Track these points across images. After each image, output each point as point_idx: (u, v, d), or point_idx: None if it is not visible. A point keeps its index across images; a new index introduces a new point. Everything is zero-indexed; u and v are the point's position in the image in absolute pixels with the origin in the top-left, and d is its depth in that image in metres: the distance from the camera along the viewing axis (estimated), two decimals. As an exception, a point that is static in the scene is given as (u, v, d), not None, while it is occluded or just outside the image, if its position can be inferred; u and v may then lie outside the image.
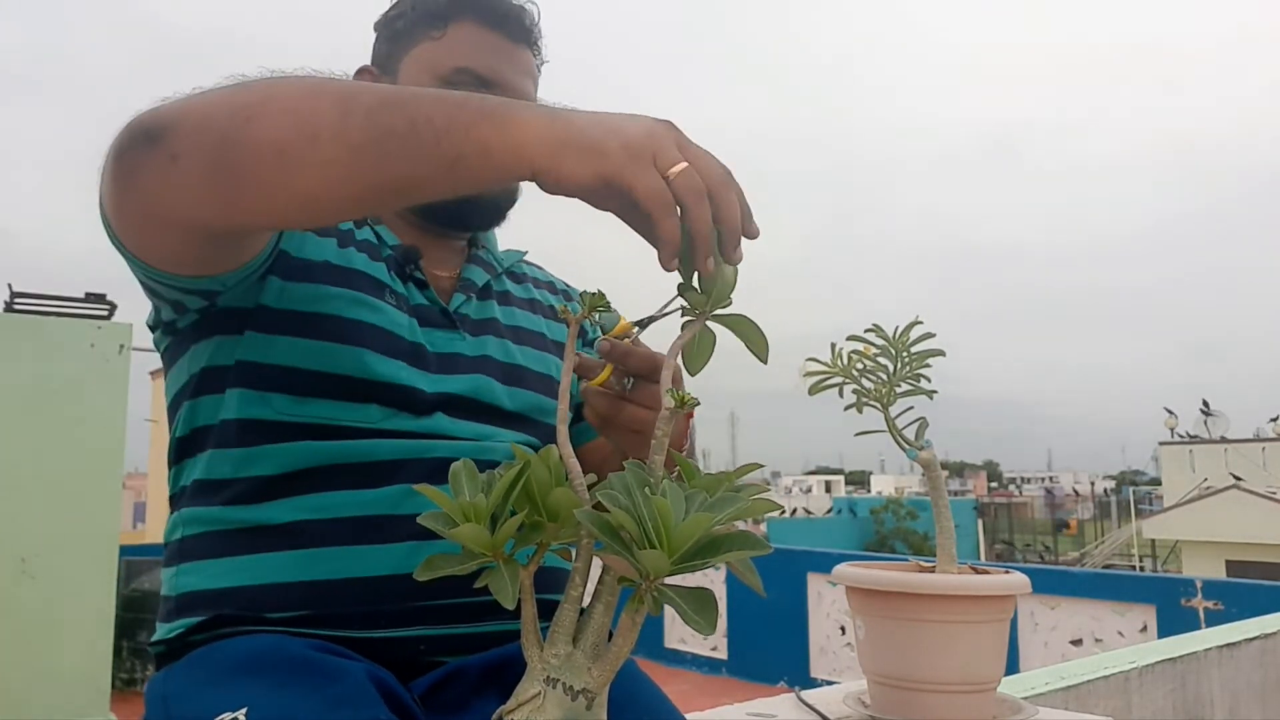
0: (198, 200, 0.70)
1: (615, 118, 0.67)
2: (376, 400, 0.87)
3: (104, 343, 3.79)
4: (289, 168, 0.66)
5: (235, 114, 0.67)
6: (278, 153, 0.66)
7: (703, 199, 0.64)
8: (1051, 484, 57.27)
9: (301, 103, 0.67)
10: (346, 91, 0.68)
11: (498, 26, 0.98)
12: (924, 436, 0.90)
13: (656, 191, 0.63)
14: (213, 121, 0.67)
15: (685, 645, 7.96)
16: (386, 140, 0.65)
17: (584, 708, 0.60)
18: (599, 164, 0.64)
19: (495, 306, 1.02)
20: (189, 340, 0.89)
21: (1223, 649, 2.09)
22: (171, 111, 0.69)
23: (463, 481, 0.64)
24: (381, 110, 0.66)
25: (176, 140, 0.67)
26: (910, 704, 0.88)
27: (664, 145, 0.65)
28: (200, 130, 0.67)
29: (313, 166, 0.66)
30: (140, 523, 16.14)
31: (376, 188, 0.68)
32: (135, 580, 6.49)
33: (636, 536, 0.55)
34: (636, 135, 0.65)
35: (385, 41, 1.01)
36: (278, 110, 0.67)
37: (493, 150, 0.65)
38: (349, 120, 0.66)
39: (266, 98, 0.68)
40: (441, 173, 0.66)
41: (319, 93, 0.68)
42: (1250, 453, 16.28)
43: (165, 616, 0.87)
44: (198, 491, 0.88)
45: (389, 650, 0.83)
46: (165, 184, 0.69)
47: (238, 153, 0.67)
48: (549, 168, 0.64)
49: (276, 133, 0.66)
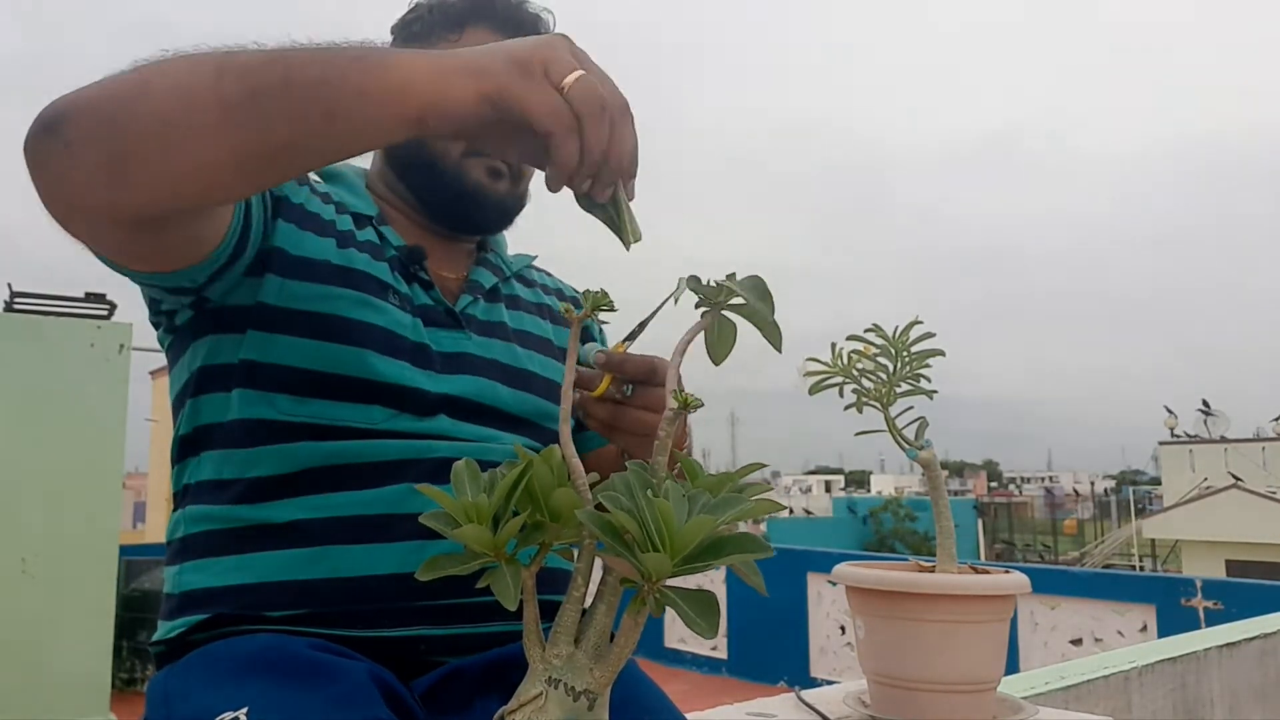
0: (95, 185, 0.69)
1: (506, 41, 0.64)
2: (380, 401, 0.87)
3: (104, 343, 3.80)
4: (172, 139, 0.65)
5: (121, 95, 0.66)
6: (161, 124, 0.65)
7: (603, 113, 0.61)
8: (1051, 484, 57.26)
9: (183, 76, 0.66)
10: (224, 57, 0.66)
11: (514, 33, 0.97)
12: (924, 436, 0.90)
13: (551, 106, 0.60)
14: (102, 104, 0.67)
15: (685, 645, 7.96)
16: (261, 98, 0.63)
17: (586, 708, 0.60)
18: (481, 82, 0.61)
19: (503, 310, 1.02)
20: (189, 336, 0.89)
21: (1223, 649, 2.09)
22: (67, 100, 0.68)
23: (465, 481, 0.64)
24: (255, 69, 0.64)
25: (69, 127, 0.67)
26: (910, 704, 0.88)
27: (557, 55, 0.62)
28: (91, 114, 0.67)
29: (194, 133, 0.65)
30: (140, 523, 16.14)
31: (261, 150, 0.66)
32: (135, 580, 6.49)
33: (639, 538, 0.55)
34: (523, 49, 0.62)
35: (401, 44, 1.01)
36: (161, 87, 0.66)
37: (369, 94, 0.62)
38: (223, 82, 0.64)
39: (152, 74, 0.67)
40: (320, 126, 0.64)
41: (200, 61, 0.66)
42: (1250, 453, 16.28)
43: (167, 614, 0.88)
44: (201, 490, 0.88)
45: (390, 650, 0.83)
46: (65, 172, 0.68)
47: (124, 131, 0.66)
48: (432, 100, 0.62)
49: (159, 105, 0.65)
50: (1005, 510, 32.04)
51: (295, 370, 0.86)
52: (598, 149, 0.61)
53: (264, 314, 0.86)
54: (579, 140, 0.61)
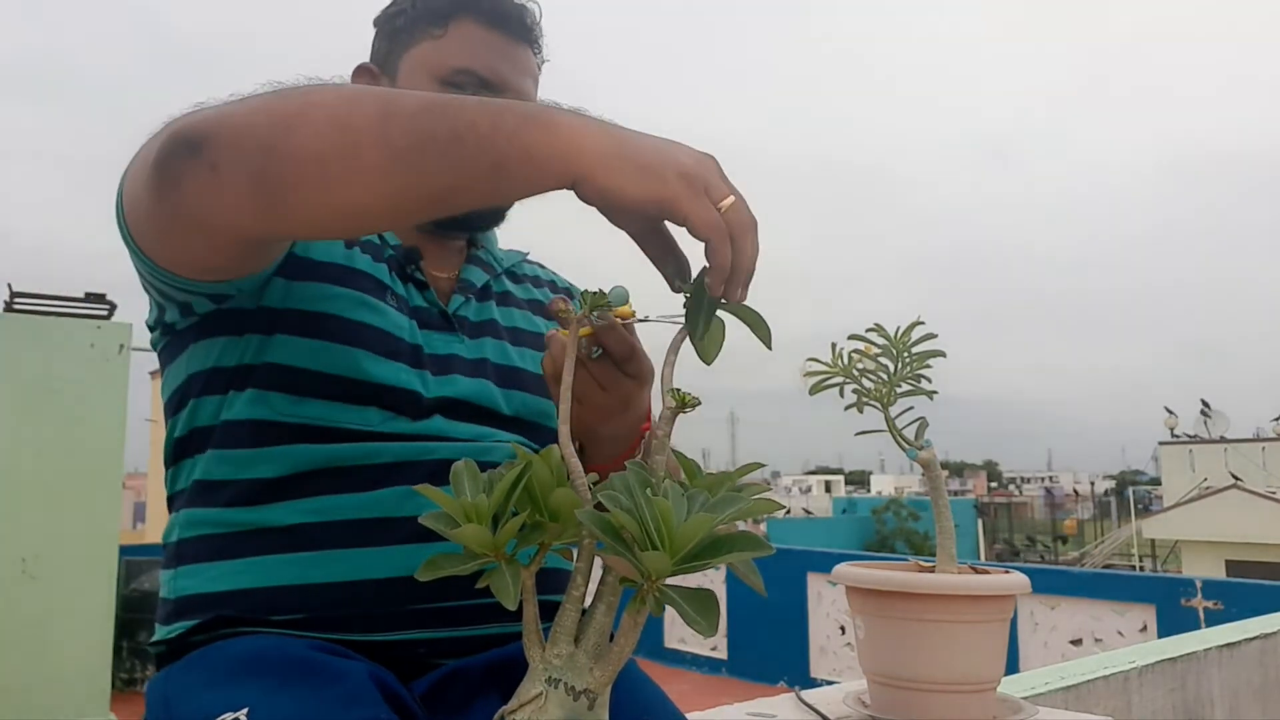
0: (239, 210, 0.69)
1: (665, 142, 0.68)
2: (376, 403, 0.87)
3: (104, 343, 3.80)
4: (330, 178, 0.66)
5: (275, 123, 0.67)
6: (319, 162, 0.66)
7: (750, 234, 0.67)
8: (1051, 484, 57.24)
9: (341, 111, 0.66)
10: (386, 98, 0.68)
11: (499, 26, 0.97)
12: (924, 436, 0.90)
13: (714, 222, 0.65)
14: (253, 131, 0.67)
15: (685, 645, 7.96)
16: (428, 147, 0.65)
17: (586, 708, 0.60)
18: (656, 188, 0.64)
19: (494, 308, 1.02)
20: (187, 340, 0.89)
21: (1223, 649, 2.09)
22: (211, 120, 0.68)
23: (464, 482, 0.64)
24: (423, 117, 0.65)
25: (216, 150, 0.67)
26: (910, 704, 0.88)
27: (715, 178, 0.67)
28: (240, 140, 0.67)
29: (355, 176, 0.66)
30: (140, 523, 16.14)
31: (420, 196, 0.67)
32: (135, 580, 6.49)
33: (638, 537, 0.55)
34: (690, 165, 0.66)
35: (385, 39, 1.00)
36: (318, 119, 0.66)
37: (536, 156, 0.64)
38: (390, 127, 0.65)
39: (306, 105, 0.67)
40: (484, 179, 0.66)
41: (358, 100, 0.67)
42: (1250, 453, 16.28)
43: (164, 619, 0.87)
44: (196, 493, 0.88)
45: (389, 652, 0.83)
46: (206, 194, 0.69)
47: (279, 163, 0.66)
48: (597, 178, 0.64)
49: (317, 142, 0.66)
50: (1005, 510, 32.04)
51: (293, 370, 0.85)
52: (744, 262, 0.67)
53: (265, 316, 0.86)
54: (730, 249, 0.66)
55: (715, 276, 0.66)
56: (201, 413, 0.88)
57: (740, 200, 0.67)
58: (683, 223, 0.65)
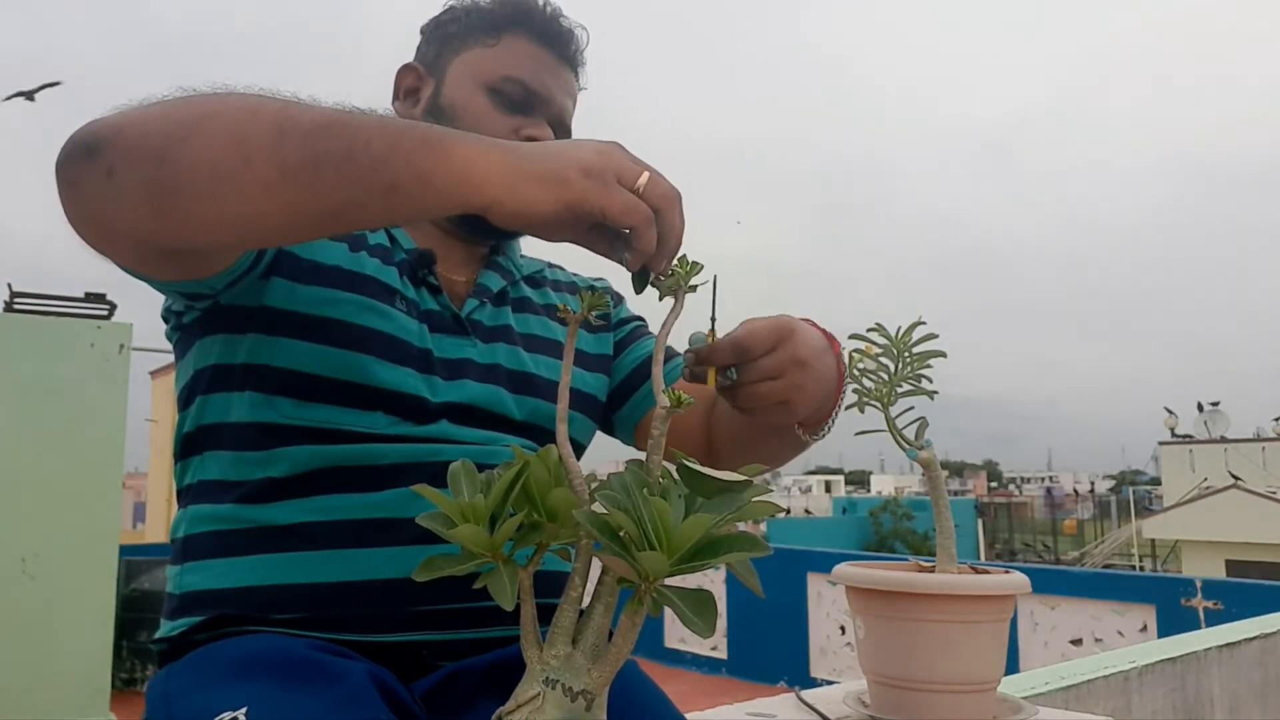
0: (134, 216, 0.69)
1: (563, 145, 0.68)
2: (382, 408, 0.87)
3: (104, 343, 3.80)
4: (222, 189, 0.65)
5: (171, 130, 0.66)
6: (211, 173, 0.65)
7: (675, 204, 0.68)
8: (1051, 484, 57.24)
9: (239, 122, 0.66)
10: (285, 113, 0.67)
11: (549, 44, 1.00)
12: (924, 436, 0.90)
13: (630, 205, 0.65)
14: (149, 138, 0.66)
15: (685, 645, 7.96)
16: (322, 164, 0.64)
17: (583, 708, 0.60)
18: (561, 193, 0.64)
19: (510, 313, 1.02)
20: (195, 334, 0.90)
21: (1223, 649, 2.09)
22: (111, 124, 0.68)
23: (462, 482, 0.64)
24: (319, 134, 0.65)
25: (113, 154, 0.67)
26: (910, 704, 0.88)
27: (622, 164, 0.67)
28: (136, 146, 0.66)
29: (246, 188, 0.65)
30: (140, 523, 16.14)
31: (311, 212, 0.67)
32: (135, 580, 6.49)
33: (635, 537, 0.55)
34: (592, 159, 0.66)
35: (435, 43, 1.02)
36: (214, 129, 0.66)
37: (431, 180, 0.64)
38: (285, 143, 0.65)
39: (204, 115, 0.67)
40: (377, 200, 0.65)
41: (257, 112, 0.67)
42: (1250, 453, 16.27)
43: (169, 614, 0.88)
44: (203, 489, 0.88)
45: (391, 653, 0.83)
46: (103, 198, 0.68)
47: (171, 170, 0.66)
48: (503, 199, 0.64)
49: (210, 152, 0.65)
50: (1005, 510, 32.03)
51: (297, 374, 0.85)
52: (674, 235, 0.68)
53: (268, 317, 0.86)
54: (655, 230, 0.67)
55: (636, 257, 0.68)
56: (209, 409, 0.89)
57: (655, 175, 0.67)
58: (601, 217, 0.65)
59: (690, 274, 0.70)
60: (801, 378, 0.81)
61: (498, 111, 0.97)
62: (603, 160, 0.66)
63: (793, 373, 0.80)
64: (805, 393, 0.82)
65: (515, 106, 0.98)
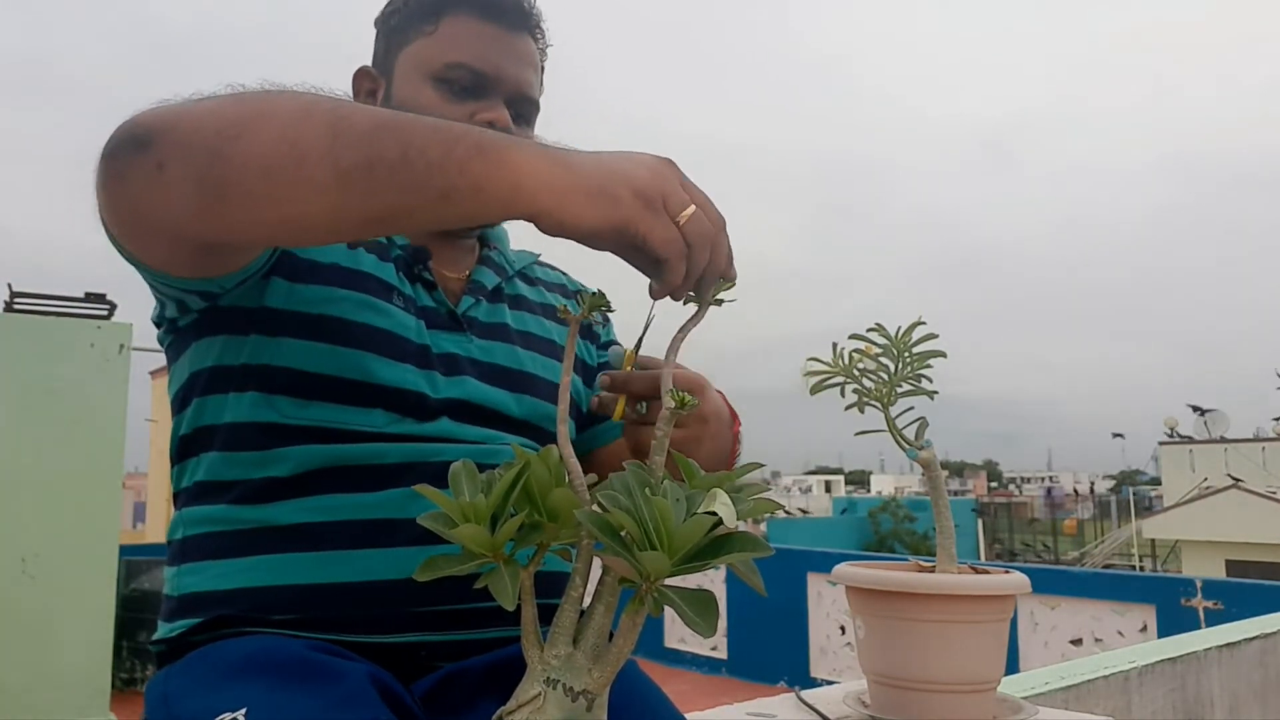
0: (182, 212, 0.69)
1: (618, 159, 0.67)
2: (382, 405, 0.86)
3: (104, 343, 3.80)
4: (275, 189, 0.65)
5: (224, 128, 0.66)
6: (264, 172, 0.65)
7: (707, 245, 0.67)
8: (1051, 484, 57.22)
9: (292, 122, 0.66)
10: (339, 113, 0.66)
11: (493, 17, 0.95)
12: (924, 436, 0.90)
13: (672, 241, 0.65)
14: (201, 133, 0.66)
15: (685, 645, 7.96)
16: (376, 168, 0.64)
17: (584, 709, 0.60)
18: (611, 211, 0.64)
19: (506, 310, 1.01)
20: (191, 337, 0.89)
21: (1223, 649, 2.09)
22: (162, 118, 0.68)
23: (462, 482, 0.64)
24: (374, 136, 0.64)
25: (164, 149, 0.66)
26: (910, 704, 0.88)
27: (672, 189, 0.66)
28: (188, 141, 0.66)
29: (298, 190, 0.65)
30: (140, 523, 16.13)
31: (363, 214, 0.66)
32: (135, 580, 6.48)
33: (637, 537, 0.55)
34: (645, 180, 0.65)
35: (382, 40, 0.99)
36: (268, 128, 0.65)
37: (486, 188, 0.64)
38: (338, 144, 0.64)
39: (258, 114, 0.67)
40: (430, 205, 0.65)
41: (311, 112, 0.66)
42: (1250, 453, 16.26)
43: (167, 616, 0.87)
44: (201, 491, 0.88)
45: (390, 654, 0.83)
46: (151, 192, 0.68)
47: (224, 168, 0.65)
48: (552, 210, 0.64)
49: (264, 151, 0.65)
50: (1005, 510, 32.01)
51: (297, 373, 0.85)
52: (699, 270, 0.68)
53: (269, 317, 0.86)
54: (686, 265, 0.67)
55: (660, 290, 0.68)
56: (205, 411, 0.88)
57: (699, 210, 0.67)
58: (642, 244, 0.65)
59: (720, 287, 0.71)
60: (701, 432, 0.86)
61: (447, 101, 0.93)
62: (656, 184, 0.66)
63: (694, 426, 0.85)
64: (701, 448, 0.85)
65: (465, 92, 0.94)
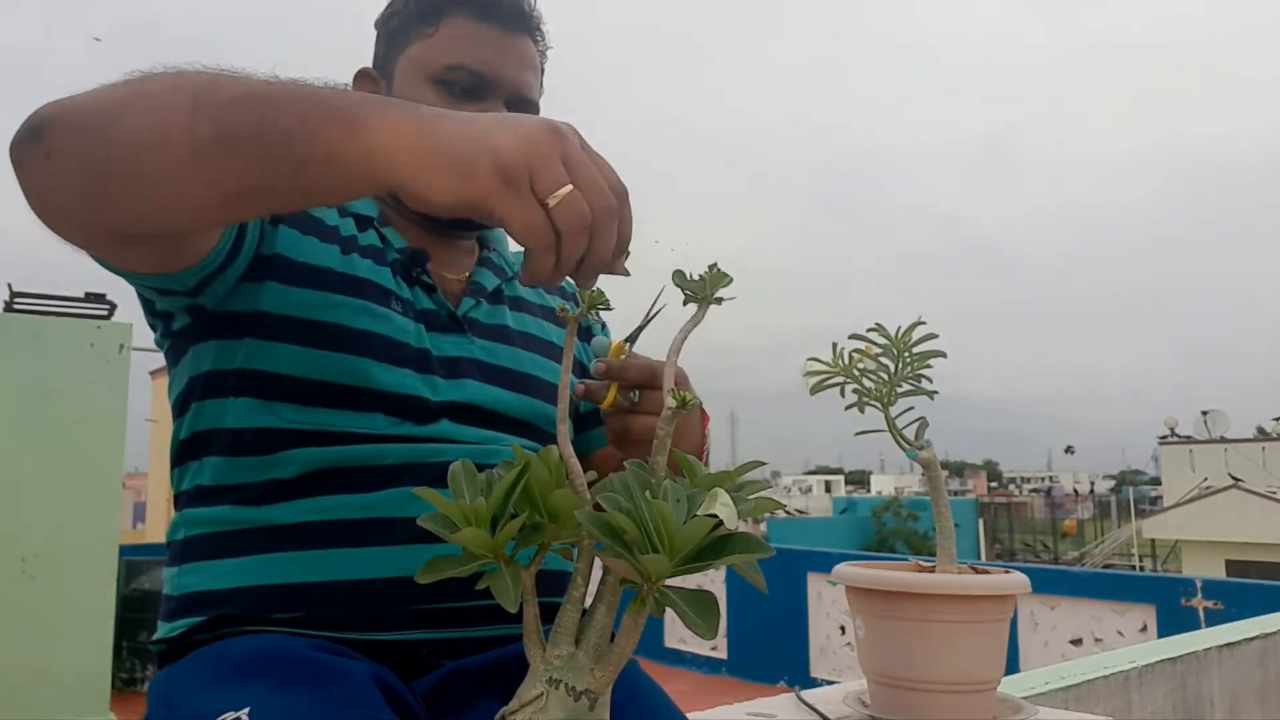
0: (70, 200, 0.68)
1: (490, 125, 0.59)
2: (381, 409, 0.86)
3: (104, 343, 3.80)
4: (143, 169, 0.64)
5: (104, 112, 0.64)
6: (132, 154, 0.63)
7: (582, 234, 0.58)
8: (1051, 484, 57.21)
9: (161, 100, 0.63)
10: (205, 87, 0.63)
11: (492, 18, 0.94)
12: (924, 436, 0.90)
13: (534, 228, 0.57)
14: (85, 119, 0.65)
15: (685, 645, 7.96)
16: (231, 142, 0.61)
17: (586, 708, 0.60)
18: (463, 186, 0.57)
19: (506, 312, 1.01)
20: (187, 341, 0.89)
21: (1223, 649, 2.09)
22: (58, 106, 0.66)
23: (462, 483, 0.64)
24: (231, 108, 0.61)
25: (52, 137, 0.65)
26: (910, 704, 0.88)
27: (545, 161, 0.57)
28: (72, 127, 0.65)
29: (165, 167, 0.63)
30: (140, 523, 16.13)
31: (224, 191, 0.64)
32: (135, 580, 6.48)
33: (637, 539, 0.55)
34: (510, 152, 0.57)
35: (383, 42, 0.99)
36: (141, 108, 0.64)
37: (338, 157, 0.60)
38: (197, 118, 0.61)
39: (137, 94, 0.65)
40: (285, 179, 0.61)
41: (179, 88, 0.63)
42: (1250, 453, 16.26)
43: (167, 616, 0.87)
44: (201, 493, 0.88)
45: (391, 652, 0.83)
46: (43, 180, 0.67)
47: (100, 152, 0.64)
48: (407, 182, 0.59)
49: (134, 131, 0.63)
50: (1005, 510, 32.02)
51: (296, 379, 0.85)
52: (571, 262, 0.59)
53: (263, 321, 0.86)
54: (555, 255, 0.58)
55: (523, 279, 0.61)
56: (204, 416, 0.88)
57: (576, 192, 0.57)
58: (502, 225, 0.58)
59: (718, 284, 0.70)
60: (684, 425, 0.87)
61: (447, 104, 0.92)
62: (524, 157, 0.57)
63: None
64: (683, 439, 0.87)
65: (465, 94, 0.93)
